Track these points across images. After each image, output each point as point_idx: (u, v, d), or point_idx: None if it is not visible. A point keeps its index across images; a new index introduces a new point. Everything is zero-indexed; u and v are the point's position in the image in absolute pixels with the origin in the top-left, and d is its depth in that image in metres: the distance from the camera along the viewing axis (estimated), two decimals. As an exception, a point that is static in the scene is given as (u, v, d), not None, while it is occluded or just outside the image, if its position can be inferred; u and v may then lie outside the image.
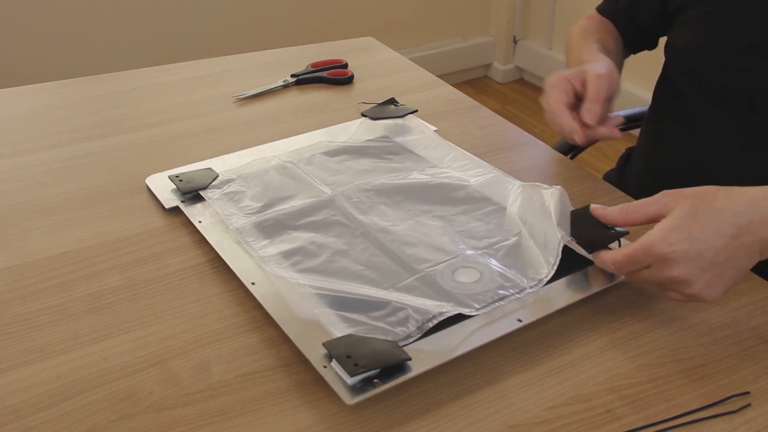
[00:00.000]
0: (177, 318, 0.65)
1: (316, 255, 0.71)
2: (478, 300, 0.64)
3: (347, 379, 0.55)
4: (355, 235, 0.74)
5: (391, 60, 1.19)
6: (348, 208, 0.77)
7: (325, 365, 0.57)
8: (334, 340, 0.59)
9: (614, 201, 0.82)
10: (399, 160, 0.87)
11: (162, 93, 1.06)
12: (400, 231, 0.74)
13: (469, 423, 0.55)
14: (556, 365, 0.61)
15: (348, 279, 0.67)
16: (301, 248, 0.71)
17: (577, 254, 0.69)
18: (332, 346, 0.58)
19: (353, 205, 0.78)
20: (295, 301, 0.64)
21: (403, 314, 0.62)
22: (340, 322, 0.62)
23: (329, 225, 0.75)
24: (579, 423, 0.56)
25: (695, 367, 0.61)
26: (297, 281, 0.66)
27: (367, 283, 0.67)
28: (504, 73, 2.90)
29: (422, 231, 0.74)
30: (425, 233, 0.74)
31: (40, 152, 0.91)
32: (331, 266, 0.69)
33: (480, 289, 0.66)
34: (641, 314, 0.66)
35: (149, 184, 0.83)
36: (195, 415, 0.56)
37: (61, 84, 1.09)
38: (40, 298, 0.67)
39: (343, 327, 0.61)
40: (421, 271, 0.68)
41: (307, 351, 0.59)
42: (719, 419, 0.56)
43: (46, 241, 0.75)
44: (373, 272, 0.68)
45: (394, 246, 0.72)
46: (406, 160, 0.87)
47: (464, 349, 0.59)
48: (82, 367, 0.60)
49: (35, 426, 0.55)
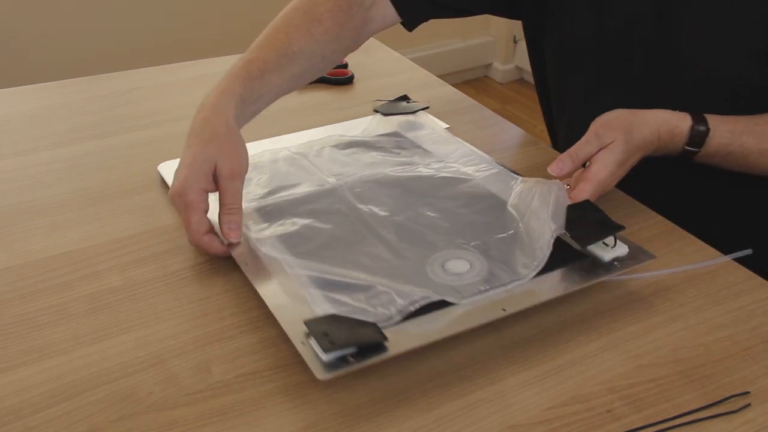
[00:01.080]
0: (177, 318, 0.65)
1: (311, 239, 0.71)
2: (464, 289, 0.64)
3: (322, 355, 0.56)
4: (352, 222, 0.74)
5: (391, 60, 1.19)
6: (349, 198, 0.78)
7: (303, 342, 0.58)
8: (315, 319, 0.59)
9: (614, 201, 0.82)
10: (407, 155, 0.88)
11: (162, 93, 1.06)
12: (398, 221, 0.74)
13: (469, 423, 0.55)
14: (556, 365, 0.61)
15: (339, 264, 0.68)
16: (297, 233, 0.72)
17: (572, 249, 0.69)
18: (312, 324, 0.58)
19: (355, 195, 0.78)
20: (283, 281, 0.65)
21: (387, 297, 0.63)
22: (324, 302, 0.63)
23: (329, 213, 0.76)
24: (579, 423, 0.56)
25: (695, 367, 0.61)
26: (288, 262, 0.67)
27: (358, 269, 0.67)
28: (504, 73, 2.90)
29: (420, 222, 0.74)
30: (422, 224, 0.74)
31: (41, 152, 0.91)
32: (325, 252, 0.70)
33: (468, 280, 0.66)
34: (641, 314, 0.66)
35: (161, 171, 0.83)
36: (195, 415, 0.56)
37: (61, 84, 1.09)
38: (40, 298, 0.67)
39: (326, 307, 0.62)
40: (410, 259, 0.69)
41: (288, 328, 0.59)
42: (719, 419, 0.56)
43: (46, 241, 0.75)
44: (365, 258, 0.69)
45: (390, 235, 0.72)
46: (413, 155, 0.88)
47: (444, 334, 0.59)
48: (82, 367, 0.60)
49: (35, 426, 0.55)
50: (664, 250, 0.74)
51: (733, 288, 0.69)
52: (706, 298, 0.68)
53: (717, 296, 0.68)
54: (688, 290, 0.69)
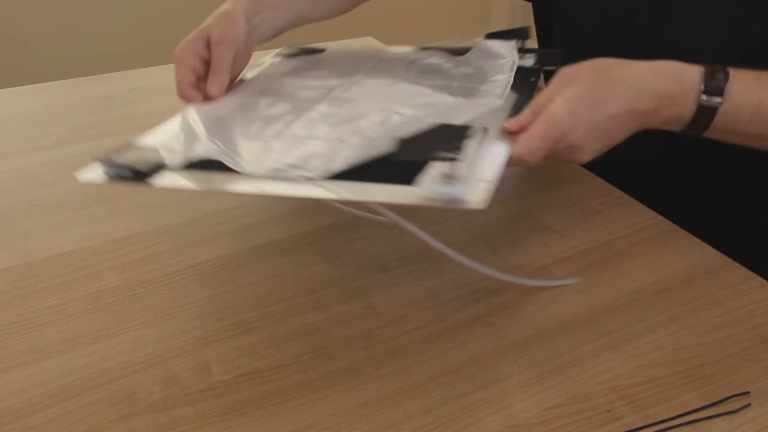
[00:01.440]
0: (177, 318, 0.65)
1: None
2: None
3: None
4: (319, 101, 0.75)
5: (391, 60, 1.19)
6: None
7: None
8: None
9: (615, 201, 0.82)
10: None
11: (162, 93, 1.06)
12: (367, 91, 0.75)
13: (469, 423, 0.55)
14: (556, 365, 0.61)
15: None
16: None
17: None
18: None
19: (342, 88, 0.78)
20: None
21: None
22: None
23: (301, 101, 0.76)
24: (579, 423, 0.56)
25: (695, 367, 0.61)
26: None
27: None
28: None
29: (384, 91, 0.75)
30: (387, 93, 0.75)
31: (41, 152, 0.91)
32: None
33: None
34: (641, 314, 0.66)
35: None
36: (195, 415, 0.56)
37: (61, 84, 1.09)
38: (40, 298, 0.67)
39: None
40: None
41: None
42: (719, 419, 0.56)
43: (46, 241, 0.75)
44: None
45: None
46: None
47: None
48: (81, 367, 0.60)
49: (35, 426, 0.55)
50: (664, 250, 0.74)
51: (733, 288, 0.69)
52: (706, 298, 0.68)
53: (717, 296, 0.68)
54: (688, 290, 0.69)
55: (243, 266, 0.71)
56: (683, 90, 0.62)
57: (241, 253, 0.73)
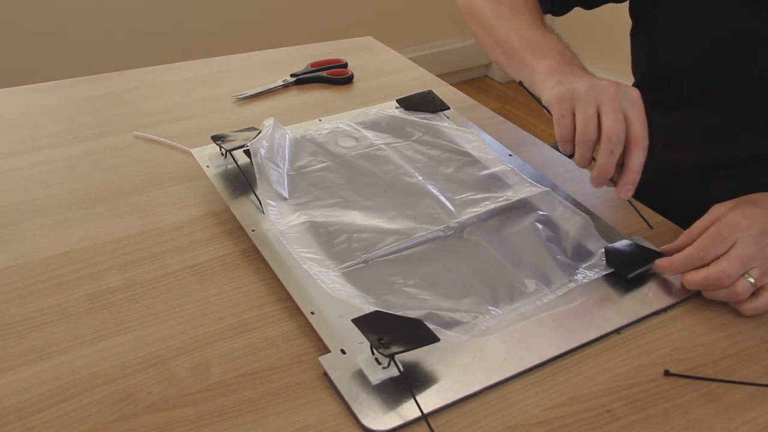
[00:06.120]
0: (176, 318, 0.65)
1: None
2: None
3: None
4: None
5: (391, 60, 1.19)
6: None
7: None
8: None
9: (615, 200, 0.82)
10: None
11: (162, 93, 1.06)
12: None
13: (469, 423, 0.55)
14: (556, 365, 0.61)
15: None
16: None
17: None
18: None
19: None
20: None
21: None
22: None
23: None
24: (579, 423, 0.56)
25: (695, 367, 0.61)
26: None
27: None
28: (504, 72, 2.89)
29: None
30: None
31: (40, 152, 0.91)
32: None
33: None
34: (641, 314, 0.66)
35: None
36: (195, 415, 0.56)
37: (60, 84, 1.08)
38: (40, 298, 0.67)
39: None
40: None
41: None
42: (719, 419, 0.56)
43: (46, 241, 0.75)
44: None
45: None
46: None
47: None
48: (81, 368, 0.60)
49: (35, 426, 0.55)
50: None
51: (733, 288, 0.69)
52: (706, 299, 0.68)
53: (717, 296, 0.68)
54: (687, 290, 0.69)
55: (243, 266, 0.71)
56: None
57: (241, 253, 0.73)
